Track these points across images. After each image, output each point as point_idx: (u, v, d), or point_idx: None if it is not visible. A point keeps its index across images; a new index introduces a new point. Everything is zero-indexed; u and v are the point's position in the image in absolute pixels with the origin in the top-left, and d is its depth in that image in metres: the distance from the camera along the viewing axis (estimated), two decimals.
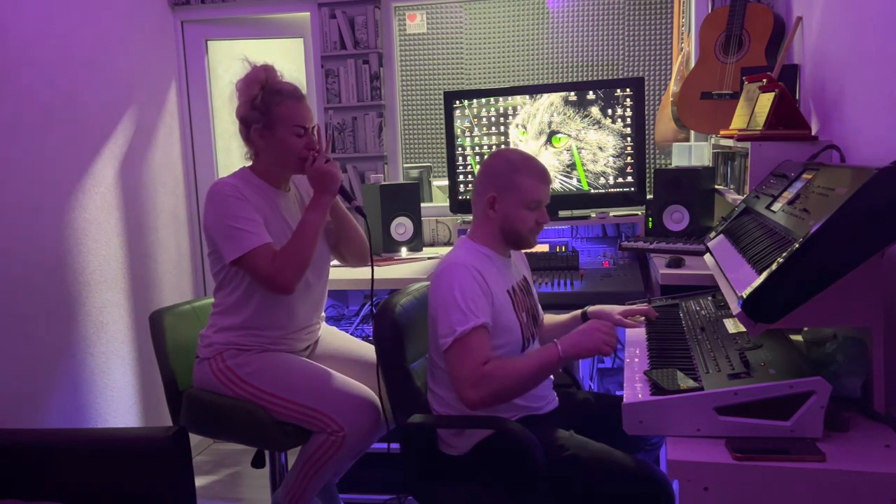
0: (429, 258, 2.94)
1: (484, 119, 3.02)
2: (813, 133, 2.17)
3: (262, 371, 1.97)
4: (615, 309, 1.97)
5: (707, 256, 2.05)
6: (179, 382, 2.12)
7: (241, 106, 2.00)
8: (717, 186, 2.75)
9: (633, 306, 2.01)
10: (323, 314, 2.20)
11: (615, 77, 3.36)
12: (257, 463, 2.22)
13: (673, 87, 2.99)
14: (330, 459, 1.94)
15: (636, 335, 1.87)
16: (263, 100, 1.96)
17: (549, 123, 2.96)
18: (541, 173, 1.81)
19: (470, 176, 3.05)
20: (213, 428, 2.08)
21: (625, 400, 1.42)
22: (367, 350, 2.16)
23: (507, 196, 1.78)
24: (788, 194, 1.68)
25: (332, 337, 2.23)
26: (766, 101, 2.13)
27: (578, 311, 2.03)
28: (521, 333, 1.80)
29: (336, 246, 2.18)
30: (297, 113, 1.97)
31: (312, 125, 2.01)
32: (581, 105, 2.92)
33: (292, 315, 2.03)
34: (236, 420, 1.97)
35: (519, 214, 1.78)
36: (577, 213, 3.01)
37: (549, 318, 2.06)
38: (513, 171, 1.78)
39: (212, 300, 2.31)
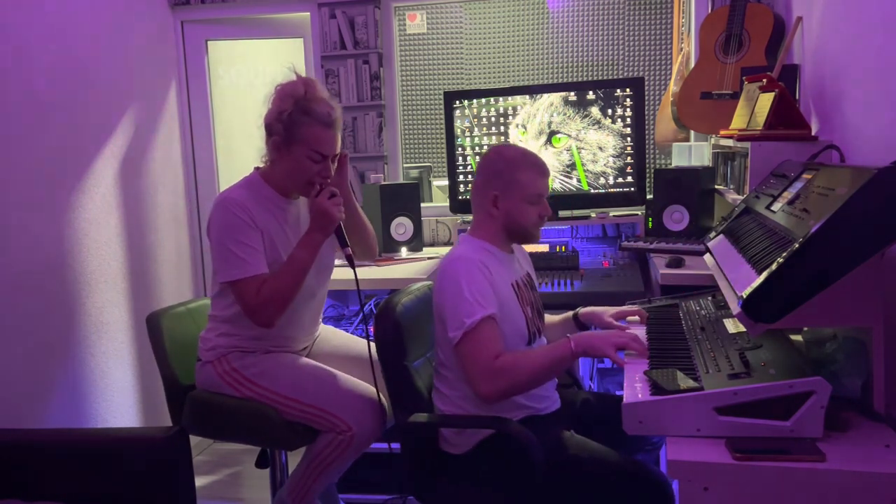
0: (429, 258, 2.94)
1: (484, 119, 3.02)
2: (813, 133, 2.17)
3: (269, 372, 1.97)
4: (607, 310, 1.98)
5: (707, 256, 2.05)
6: (180, 383, 2.11)
7: (269, 113, 1.94)
8: (717, 186, 2.75)
9: (625, 308, 2.01)
10: (321, 317, 2.20)
11: (615, 77, 3.36)
12: (261, 463, 2.22)
13: (673, 87, 2.99)
14: (338, 458, 1.95)
15: (637, 335, 1.86)
16: (291, 116, 1.89)
17: (549, 123, 2.96)
18: (539, 167, 1.83)
19: (470, 176, 3.05)
20: (220, 429, 2.08)
21: (625, 400, 1.42)
22: (366, 347, 2.17)
23: (510, 193, 1.79)
24: (788, 194, 1.68)
25: (331, 335, 2.24)
26: (766, 101, 2.13)
27: (570, 313, 2.04)
28: (527, 327, 1.80)
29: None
30: (320, 139, 1.91)
31: (335, 154, 1.96)
32: (581, 105, 2.92)
33: (296, 322, 2.04)
34: (245, 420, 1.97)
35: (522, 210, 1.80)
36: (577, 213, 3.01)
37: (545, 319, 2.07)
38: (512, 168, 1.79)
39: (206, 301, 2.31)
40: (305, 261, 1.92)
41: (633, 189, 2.92)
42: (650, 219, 2.79)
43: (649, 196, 2.87)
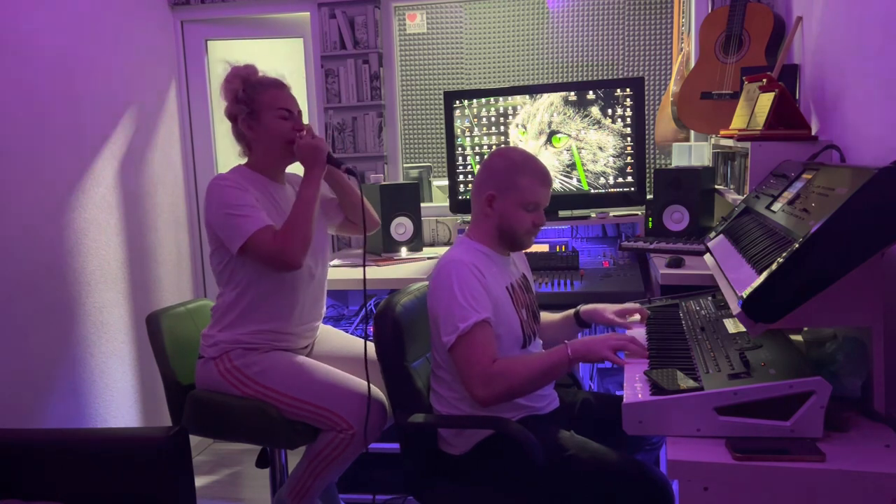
0: (429, 258, 2.94)
1: (484, 119, 3.02)
2: (813, 133, 2.17)
3: (270, 370, 1.98)
4: (608, 308, 1.97)
5: (707, 256, 2.05)
6: (180, 382, 2.11)
7: (227, 105, 2.03)
8: (717, 186, 2.75)
9: (627, 305, 2.01)
10: (324, 310, 2.20)
11: (615, 77, 3.36)
12: (261, 463, 2.22)
13: (673, 87, 2.99)
14: (338, 457, 1.96)
15: (636, 335, 1.86)
16: (245, 91, 2.00)
17: (549, 123, 2.96)
18: (542, 175, 1.80)
19: (470, 176, 3.05)
20: (220, 428, 2.08)
21: (625, 400, 1.42)
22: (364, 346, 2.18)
23: (506, 195, 1.77)
24: (788, 194, 1.68)
25: (329, 335, 2.25)
26: (766, 101, 2.14)
27: (571, 311, 2.03)
28: (522, 330, 1.80)
29: (344, 219, 2.24)
30: (280, 98, 2.00)
31: (299, 110, 2.05)
32: (581, 105, 2.92)
33: (296, 305, 2.04)
34: (246, 419, 1.97)
35: (516, 215, 1.78)
36: (577, 213, 3.01)
37: (543, 317, 2.06)
38: (513, 170, 1.78)
39: (206, 302, 2.32)
40: (311, 194, 1.97)
41: (633, 189, 2.92)
42: (650, 219, 2.79)
43: (649, 196, 2.87)
